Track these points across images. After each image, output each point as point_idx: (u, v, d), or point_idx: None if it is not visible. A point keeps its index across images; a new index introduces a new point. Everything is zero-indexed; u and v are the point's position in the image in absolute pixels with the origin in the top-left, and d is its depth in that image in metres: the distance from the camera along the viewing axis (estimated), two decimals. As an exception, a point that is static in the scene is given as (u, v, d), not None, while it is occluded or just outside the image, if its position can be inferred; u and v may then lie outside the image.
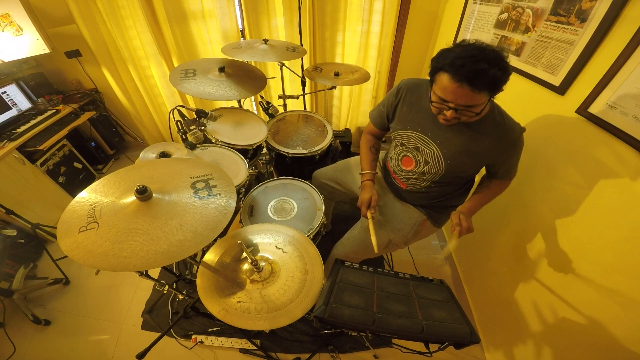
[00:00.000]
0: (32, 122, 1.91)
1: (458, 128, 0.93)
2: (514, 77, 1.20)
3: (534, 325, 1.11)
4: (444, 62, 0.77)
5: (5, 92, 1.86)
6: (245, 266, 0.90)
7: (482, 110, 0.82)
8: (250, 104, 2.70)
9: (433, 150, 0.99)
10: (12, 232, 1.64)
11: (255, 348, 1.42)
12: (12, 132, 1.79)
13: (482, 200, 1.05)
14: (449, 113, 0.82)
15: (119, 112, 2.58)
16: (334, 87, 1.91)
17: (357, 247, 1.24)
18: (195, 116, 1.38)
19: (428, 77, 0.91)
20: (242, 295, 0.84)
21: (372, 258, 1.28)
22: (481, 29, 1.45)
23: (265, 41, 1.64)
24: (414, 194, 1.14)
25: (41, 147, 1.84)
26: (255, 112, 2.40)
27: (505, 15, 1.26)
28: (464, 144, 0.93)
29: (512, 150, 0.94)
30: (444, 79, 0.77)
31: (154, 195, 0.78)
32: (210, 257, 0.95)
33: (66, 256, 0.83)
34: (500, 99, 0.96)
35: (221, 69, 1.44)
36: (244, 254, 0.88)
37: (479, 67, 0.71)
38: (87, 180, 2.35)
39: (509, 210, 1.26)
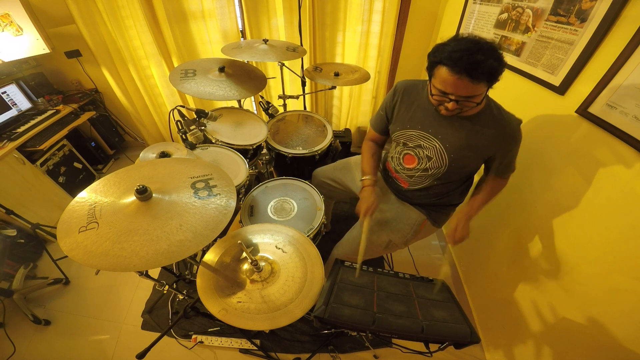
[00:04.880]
0: (32, 122, 1.91)
1: (458, 123, 0.94)
2: (514, 77, 1.21)
3: (534, 325, 1.11)
4: (441, 55, 0.78)
5: (5, 92, 1.86)
6: (245, 266, 0.90)
7: (482, 100, 0.84)
8: (250, 104, 2.70)
9: (435, 145, 0.99)
10: (12, 232, 1.64)
11: (255, 348, 1.42)
12: (12, 132, 1.79)
13: (480, 202, 1.06)
14: (450, 105, 0.84)
15: (119, 112, 2.58)
16: (334, 87, 1.91)
17: (357, 248, 1.24)
18: (195, 116, 1.38)
19: (425, 78, 0.91)
20: (242, 295, 0.84)
21: (372, 258, 1.28)
22: (481, 29, 1.45)
23: (265, 41, 1.64)
24: (415, 192, 1.14)
25: (41, 147, 1.84)
26: (255, 112, 2.40)
27: (505, 15, 1.26)
28: (466, 137, 0.94)
29: (512, 142, 0.95)
30: (442, 72, 0.79)
31: (154, 195, 0.78)
32: (210, 257, 0.95)
33: (66, 256, 0.83)
34: (501, 99, 0.97)
35: (221, 69, 1.45)
36: (244, 254, 0.88)
37: (476, 58, 0.73)
38: (87, 180, 2.35)
39: (508, 210, 1.27)
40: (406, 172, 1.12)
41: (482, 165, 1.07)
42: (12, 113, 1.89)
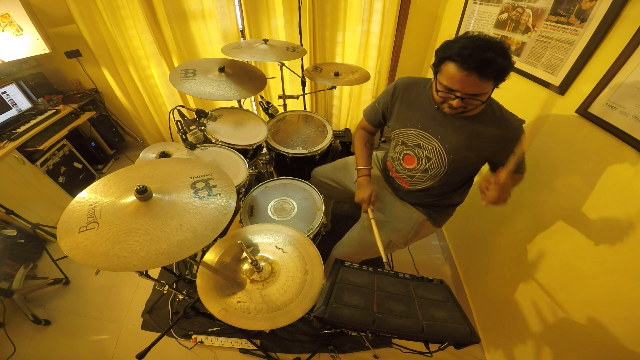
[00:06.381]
0: (32, 122, 1.91)
1: (459, 123, 0.94)
2: (514, 77, 1.21)
3: (534, 325, 1.11)
4: (450, 51, 0.78)
5: (5, 92, 1.86)
6: (245, 266, 0.90)
7: (487, 99, 0.83)
8: (250, 104, 2.70)
9: (435, 146, 0.99)
10: (12, 232, 1.64)
11: (255, 348, 1.42)
12: (12, 132, 1.79)
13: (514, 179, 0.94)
14: (455, 102, 0.83)
15: (119, 112, 2.58)
16: (334, 87, 1.91)
17: (358, 247, 1.24)
18: (195, 116, 1.38)
19: (426, 77, 0.91)
20: (242, 295, 0.84)
21: (372, 258, 1.28)
22: (481, 29, 1.44)
23: (265, 41, 1.64)
24: (415, 192, 1.14)
25: (41, 147, 1.84)
26: (255, 112, 2.40)
27: (505, 15, 1.26)
28: (466, 138, 0.94)
29: (514, 143, 0.92)
30: (451, 68, 0.79)
31: (154, 195, 0.78)
32: (210, 257, 0.95)
33: (66, 256, 0.83)
34: (501, 99, 0.97)
35: (221, 69, 1.44)
36: (244, 254, 0.88)
37: (487, 56, 0.73)
38: (87, 180, 2.35)
39: (508, 210, 1.26)
40: (406, 172, 1.12)
41: (486, 166, 1.06)
42: (12, 113, 1.89)
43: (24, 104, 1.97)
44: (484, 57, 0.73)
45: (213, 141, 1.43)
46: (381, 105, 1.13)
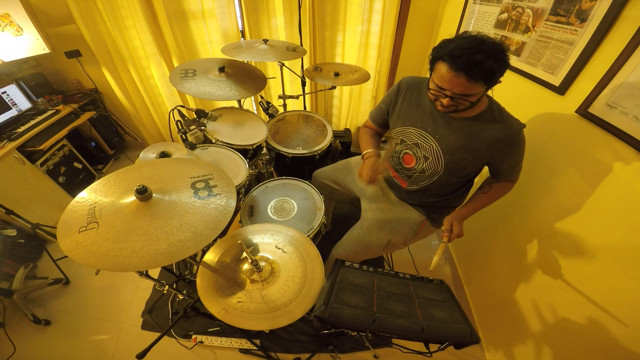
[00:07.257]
0: (32, 122, 1.91)
1: (457, 124, 0.94)
2: (514, 77, 1.21)
3: (534, 325, 1.11)
4: (443, 51, 0.79)
5: (5, 92, 1.86)
6: (245, 266, 0.90)
7: (478, 100, 0.84)
8: (250, 104, 2.70)
9: (432, 145, 0.99)
10: (12, 232, 1.64)
11: (255, 348, 1.42)
12: (12, 132, 1.79)
13: (478, 205, 1.05)
14: (445, 100, 0.85)
15: (119, 112, 2.58)
16: (334, 87, 1.91)
17: (357, 248, 1.24)
18: (195, 116, 1.38)
19: (428, 77, 0.92)
20: (242, 295, 0.84)
21: (372, 258, 1.29)
22: (481, 29, 1.44)
23: (265, 41, 1.64)
24: (414, 193, 1.14)
25: (41, 147, 1.84)
26: (255, 112, 2.40)
27: (505, 15, 1.26)
28: (463, 139, 0.94)
29: (513, 147, 0.94)
30: (442, 68, 0.80)
31: (154, 195, 0.78)
32: (210, 257, 0.95)
33: (66, 256, 0.83)
34: (501, 99, 0.97)
35: (221, 69, 1.44)
36: (244, 254, 0.88)
37: (476, 58, 0.73)
38: (87, 180, 2.35)
39: (509, 210, 1.26)
40: (405, 171, 1.12)
41: (486, 168, 1.06)
42: (12, 113, 1.89)
43: (24, 104, 1.97)
44: (472, 59, 0.73)
45: (213, 141, 1.43)
46: (385, 105, 1.14)
